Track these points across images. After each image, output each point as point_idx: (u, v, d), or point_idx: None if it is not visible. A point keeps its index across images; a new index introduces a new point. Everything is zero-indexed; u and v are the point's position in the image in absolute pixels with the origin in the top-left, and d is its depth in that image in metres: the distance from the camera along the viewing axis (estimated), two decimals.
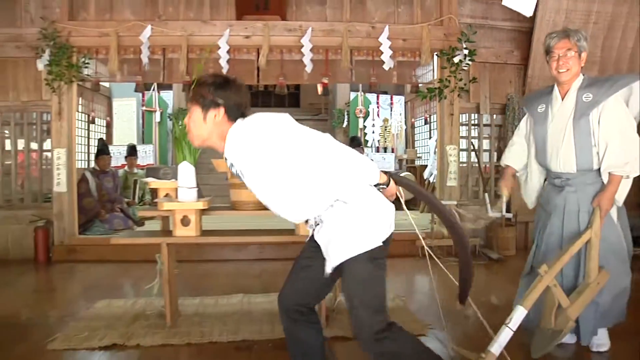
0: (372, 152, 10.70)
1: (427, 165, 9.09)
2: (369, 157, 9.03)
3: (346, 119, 11.06)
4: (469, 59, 5.79)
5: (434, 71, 6.39)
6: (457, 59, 5.77)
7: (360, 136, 10.13)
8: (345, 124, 11.08)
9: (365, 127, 10.86)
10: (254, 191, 2.02)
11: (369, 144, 10.80)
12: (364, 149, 7.78)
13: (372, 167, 1.93)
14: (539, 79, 6.02)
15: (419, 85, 6.54)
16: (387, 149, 11.09)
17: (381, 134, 11.03)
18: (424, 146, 10.30)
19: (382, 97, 11.10)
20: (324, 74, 5.95)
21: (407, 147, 11.03)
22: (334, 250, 1.93)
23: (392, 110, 11.15)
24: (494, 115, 6.45)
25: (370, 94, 10.79)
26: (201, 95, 1.95)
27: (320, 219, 1.97)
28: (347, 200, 1.92)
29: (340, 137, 10.64)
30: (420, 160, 10.31)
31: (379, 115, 11.03)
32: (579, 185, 2.74)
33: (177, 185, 3.27)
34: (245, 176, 1.99)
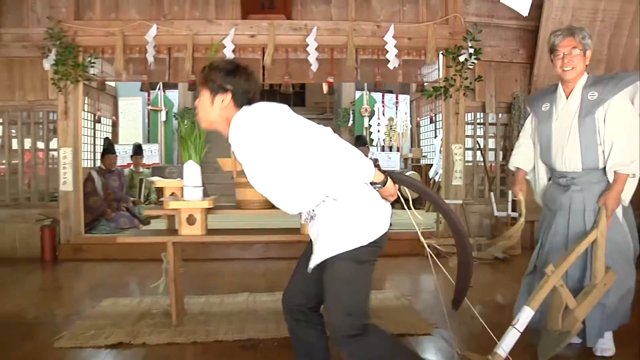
0: (378, 151, 10.69)
1: (432, 164, 9.08)
2: (374, 156, 9.05)
3: (351, 118, 11.06)
4: (475, 58, 5.77)
5: (439, 70, 6.38)
6: (462, 58, 5.76)
7: (365, 135, 10.14)
8: (350, 122, 11.08)
9: (370, 126, 10.86)
10: (250, 179, 2.02)
11: (375, 143, 10.80)
12: (369, 147, 7.77)
13: (366, 165, 1.88)
14: (544, 77, 6.00)
15: (425, 84, 6.52)
16: (392, 148, 11.08)
17: (386, 133, 11.03)
18: (429, 145, 10.29)
19: (388, 96, 11.09)
20: (330, 73, 5.95)
21: (412, 146, 11.02)
22: (318, 246, 1.93)
23: (397, 109, 11.14)
24: (500, 114, 6.43)
25: (375, 93, 10.78)
26: (211, 79, 1.97)
27: (313, 213, 1.97)
28: (338, 197, 1.90)
29: (345, 136, 10.64)
30: (425, 159, 10.30)
31: (384, 114, 11.03)
32: (584, 184, 2.71)
33: (183, 184, 3.28)
34: (243, 163, 2.00)
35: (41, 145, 6.11)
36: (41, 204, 5.99)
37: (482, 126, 6.49)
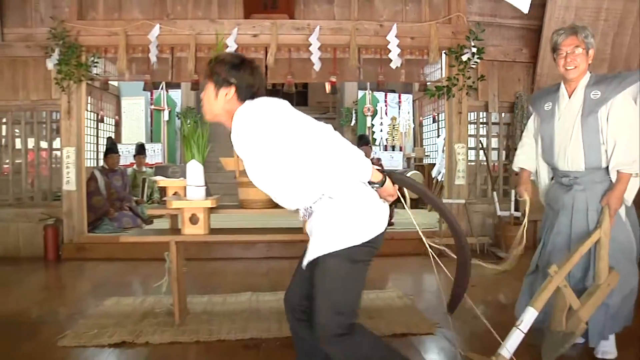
0: (380, 151, 10.69)
1: (435, 163, 9.08)
2: (377, 155, 9.04)
3: (354, 118, 11.06)
4: (478, 57, 5.76)
5: (442, 69, 6.37)
6: (465, 57, 5.76)
7: (368, 134, 10.12)
8: (353, 122, 11.08)
9: (373, 125, 10.85)
10: (249, 173, 2.01)
11: (377, 143, 10.80)
12: (372, 147, 7.76)
13: (363, 165, 1.86)
14: (547, 76, 5.99)
15: (427, 83, 6.52)
16: (395, 147, 11.07)
17: (389, 133, 11.02)
18: (432, 144, 10.28)
19: (390, 96, 11.09)
20: (332, 73, 5.95)
21: (415, 146, 11.02)
22: (311, 244, 1.93)
23: (400, 108, 11.13)
24: (503, 113, 6.42)
25: (378, 93, 10.78)
26: (216, 72, 1.98)
27: (311, 210, 1.97)
28: (334, 194, 1.90)
29: (348, 135, 10.64)
30: (428, 158, 10.29)
31: (387, 113, 11.02)
32: (587, 183, 2.69)
33: (186, 183, 3.28)
34: (242, 157, 2.00)
35: (44, 144, 6.12)
36: (44, 204, 6.01)
37: (484, 125, 6.48)
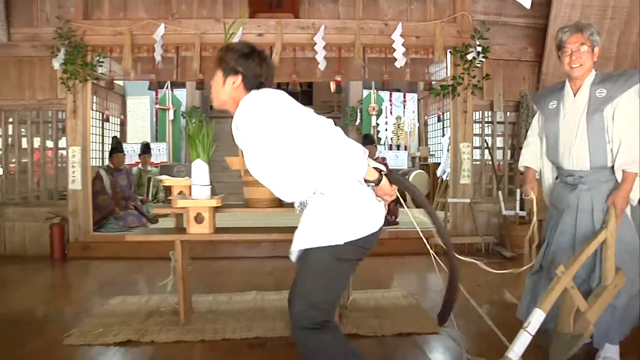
0: (385, 150, 10.68)
1: (440, 163, 9.06)
2: (382, 154, 9.03)
3: (359, 117, 11.05)
4: (483, 56, 5.75)
5: (447, 68, 6.36)
6: (470, 56, 5.75)
7: (373, 134, 10.12)
8: (358, 121, 11.07)
9: (378, 124, 10.84)
10: (247, 163, 2.00)
11: (382, 142, 10.78)
12: (376, 146, 7.76)
13: (357, 162, 1.82)
14: (553, 75, 5.97)
15: (432, 82, 6.51)
16: (400, 146, 11.06)
17: (394, 132, 11.01)
18: (437, 144, 10.26)
19: (395, 95, 11.07)
20: (337, 72, 5.95)
21: (420, 145, 11.00)
22: (296, 237, 1.92)
23: (405, 107, 11.12)
24: (508, 112, 6.40)
25: (383, 92, 10.77)
26: (225, 60, 2.00)
27: (305, 204, 1.96)
28: (326, 190, 1.88)
29: (353, 134, 10.63)
30: (433, 157, 10.27)
31: (391, 112, 11.01)
32: (592, 183, 2.66)
33: (191, 182, 3.29)
34: (240, 146, 1.99)
35: (50, 144, 6.15)
36: (50, 203, 6.03)
37: (490, 125, 6.47)
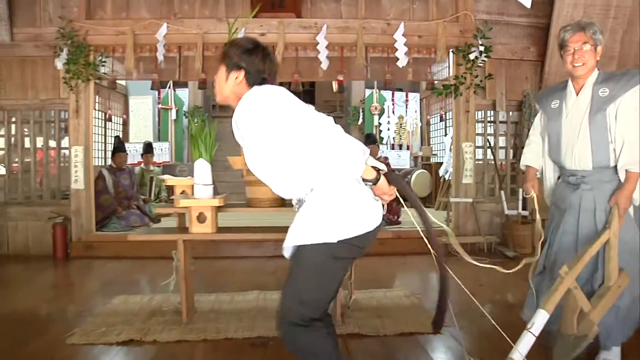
0: (388, 150, 10.68)
1: (442, 162, 9.05)
2: (384, 154, 9.02)
3: (361, 116, 11.05)
4: (485, 56, 5.74)
5: (449, 68, 6.35)
6: (472, 56, 5.74)
7: (375, 133, 10.11)
8: (360, 121, 11.07)
9: (380, 124, 10.84)
10: (246, 159, 1.98)
11: (384, 141, 10.78)
12: (379, 146, 7.75)
13: (353, 160, 1.79)
14: (555, 75, 5.96)
15: (435, 82, 6.50)
16: (402, 146, 11.05)
17: (396, 131, 11.00)
18: (439, 143, 10.25)
19: (398, 94, 11.07)
20: (339, 71, 5.95)
21: (422, 145, 10.99)
22: (290, 233, 1.91)
23: (407, 107, 11.11)
24: (510, 112, 6.39)
25: (385, 91, 10.76)
26: (229, 55, 1.99)
27: (302, 202, 1.95)
28: (321, 188, 1.86)
29: (355, 134, 10.63)
30: (435, 157, 10.27)
31: (394, 112, 11.00)
32: (595, 182, 2.64)
33: (193, 182, 3.29)
34: (239, 141, 1.97)
35: (53, 143, 6.16)
36: (53, 202, 6.05)
37: (492, 124, 6.46)
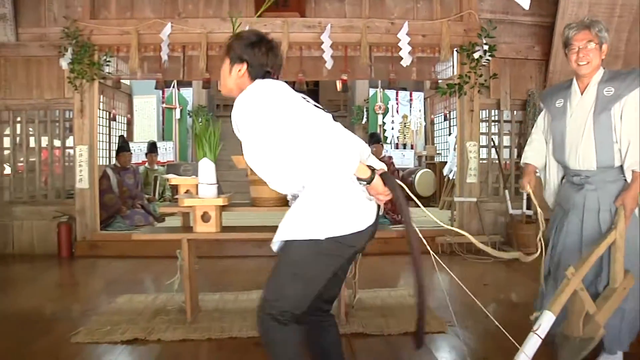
0: (392, 149, 10.67)
1: (446, 161, 9.04)
2: (388, 153, 9.00)
3: (365, 116, 11.04)
4: (489, 55, 5.73)
5: (453, 67, 6.35)
6: (477, 55, 5.73)
7: (379, 132, 10.11)
8: (364, 120, 11.06)
9: (384, 123, 10.83)
10: (244, 153, 1.95)
11: (388, 141, 10.77)
12: (383, 145, 7.74)
13: (346, 159, 1.75)
14: (560, 74, 5.94)
15: (439, 81, 6.50)
16: (406, 145, 11.05)
17: (400, 131, 10.99)
18: (443, 143, 10.23)
19: (402, 94, 11.06)
20: (343, 71, 5.95)
21: (426, 144, 10.97)
22: (279, 228, 1.90)
23: (411, 106, 11.10)
24: (515, 111, 6.38)
25: (389, 90, 10.76)
26: (232, 48, 1.98)
27: (297, 197, 1.93)
28: (314, 185, 1.84)
29: (359, 133, 10.61)
30: (439, 156, 10.24)
31: (398, 111, 10.99)
32: (599, 183, 2.60)
33: (198, 181, 3.29)
34: (239, 137, 1.95)
35: (58, 143, 6.18)
36: (58, 201, 6.06)
37: (496, 123, 6.45)
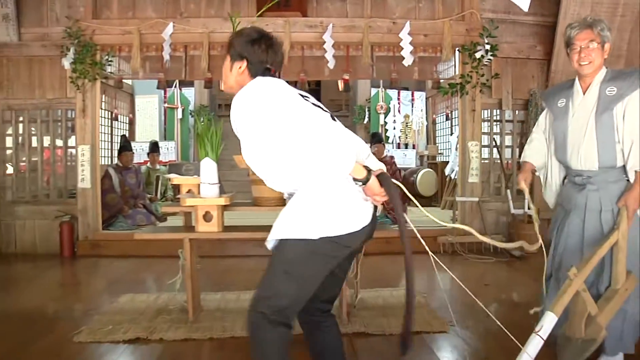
0: (394, 149, 10.66)
1: (448, 161, 9.04)
2: (390, 153, 8.99)
3: (367, 115, 11.04)
4: (491, 54, 5.73)
5: (455, 67, 6.34)
6: (478, 55, 5.73)
7: (381, 132, 10.11)
8: (366, 120, 11.06)
9: (386, 123, 10.83)
10: (242, 150, 1.92)
11: (390, 140, 10.77)
12: (385, 145, 7.73)
13: (339, 160, 1.71)
14: (562, 73, 5.93)
15: (441, 81, 6.49)
16: (408, 145, 11.04)
17: (402, 130, 10.99)
18: (445, 142, 10.23)
19: (403, 93, 11.06)
20: (345, 70, 5.94)
21: (428, 143, 10.97)
22: (274, 226, 1.88)
23: (413, 106, 11.10)
24: (517, 111, 6.37)
25: (391, 90, 10.75)
26: (233, 45, 1.98)
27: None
28: (308, 184, 1.82)
29: (361, 133, 10.63)
30: (441, 156, 10.24)
31: (399, 111, 10.99)
32: (601, 183, 2.58)
33: (200, 181, 3.30)
34: (236, 134, 1.93)
35: (60, 142, 6.19)
36: (60, 201, 6.07)
37: (498, 123, 6.44)
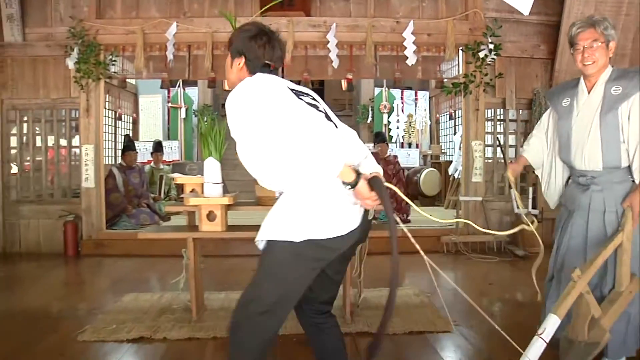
0: (397, 148, 10.66)
1: (452, 161, 9.02)
2: (393, 152, 8.98)
3: (370, 115, 11.03)
4: (495, 54, 5.72)
5: (459, 66, 6.33)
6: (482, 54, 5.72)
7: (384, 132, 10.10)
8: (369, 119, 11.05)
9: (389, 122, 10.82)
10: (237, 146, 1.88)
11: (394, 140, 10.76)
12: (388, 144, 7.73)
13: (325, 163, 1.68)
14: (566, 73, 5.91)
15: (444, 80, 6.48)
16: (411, 144, 11.03)
17: (405, 130, 10.97)
18: (448, 142, 10.22)
19: (407, 93, 11.04)
20: (349, 70, 5.94)
21: (431, 143, 10.96)
22: (261, 227, 1.87)
23: (416, 105, 11.08)
24: (520, 110, 6.36)
25: (394, 90, 10.74)
26: (232, 41, 1.99)
27: None
28: (294, 186, 1.80)
29: (364, 132, 10.65)
30: (444, 156, 10.23)
31: (403, 110, 10.97)
32: (605, 183, 2.56)
33: (203, 180, 3.30)
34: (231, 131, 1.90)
35: (64, 142, 6.21)
36: (64, 200, 6.09)
37: (502, 122, 6.43)
